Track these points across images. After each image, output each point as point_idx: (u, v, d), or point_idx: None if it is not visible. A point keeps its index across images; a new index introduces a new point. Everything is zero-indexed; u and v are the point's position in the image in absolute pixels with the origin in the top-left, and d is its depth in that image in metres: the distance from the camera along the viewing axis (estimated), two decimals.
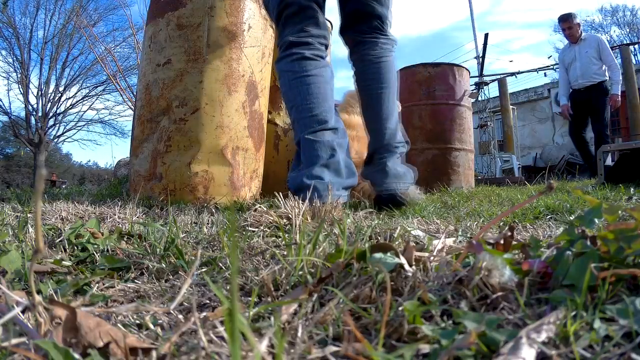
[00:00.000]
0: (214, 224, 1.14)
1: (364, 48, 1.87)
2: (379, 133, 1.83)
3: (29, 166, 21.74)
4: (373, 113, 1.84)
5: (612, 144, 4.00)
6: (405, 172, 1.79)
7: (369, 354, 0.33)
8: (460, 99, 3.92)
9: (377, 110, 1.83)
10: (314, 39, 1.73)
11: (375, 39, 1.88)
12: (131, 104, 6.89)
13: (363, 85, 1.88)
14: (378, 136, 1.83)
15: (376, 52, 1.85)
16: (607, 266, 0.43)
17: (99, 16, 17.55)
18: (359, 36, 1.89)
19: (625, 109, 9.75)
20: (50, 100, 17.63)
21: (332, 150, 1.63)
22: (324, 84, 1.70)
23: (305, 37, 1.72)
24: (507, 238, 0.53)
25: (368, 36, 1.88)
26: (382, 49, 1.86)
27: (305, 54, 1.70)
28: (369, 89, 1.86)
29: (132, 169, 2.09)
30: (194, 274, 0.62)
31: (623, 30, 21.85)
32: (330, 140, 1.64)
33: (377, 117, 1.83)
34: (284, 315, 0.42)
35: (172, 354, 0.34)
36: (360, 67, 1.89)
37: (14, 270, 0.62)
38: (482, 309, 0.41)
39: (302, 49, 1.71)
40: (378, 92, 1.84)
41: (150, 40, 2.06)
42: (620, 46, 10.36)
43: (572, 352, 0.33)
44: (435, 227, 1.13)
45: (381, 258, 0.48)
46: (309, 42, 1.72)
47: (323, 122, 1.65)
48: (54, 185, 10.92)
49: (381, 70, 1.84)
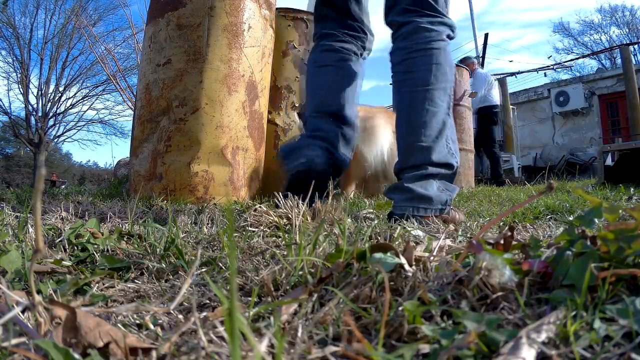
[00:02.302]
0: (214, 224, 1.14)
1: (397, 35, 1.45)
2: (404, 149, 1.38)
3: (29, 166, 21.74)
4: (400, 121, 1.41)
5: (612, 144, 3.99)
6: (437, 196, 1.32)
7: (369, 354, 0.33)
8: (460, 99, 3.92)
9: (405, 117, 1.39)
10: (343, 32, 1.65)
11: (412, 21, 1.40)
12: (131, 104, 6.89)
13: (393, 83, 1.46)
14: (403, 152, 1.39)
15: (411, 41, 1.40)
16: (607, 266, 0.43)
17: (98, 16, 17.56)
18: (395, 18, 1.46)
19: (625, 109, 9.75)
20: (50, 100, 17.63)
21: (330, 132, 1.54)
22: (343, 77, 1.60)
23: (334, 29, 1.65)
24: (507, 238, 0.53)
25: (402, 18, 1.43)
26: (422, 35, 1.39)
27: (333, 46, 1.63)
28: (397, 89, 1.43)
29: (132, 169, 2.09)
30: (194, 274, 0.62)
31: (622, 30, 21.86)
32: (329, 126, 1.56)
33: (404, 127, 1.39)
34: (284, 315, 0.42)
35: (172, 354, 0.34)
36: (392, 61, 1.48)
37: (14, 270, 0.62)
38: (482, 309, 0.41)
39: (330, 40, 1.65)
40: (408, 93, 1.38)
41: (150, 40, 2.06)
42: (620, 46, 10.37)
43: (572, 352, 0.33)
44: (435, 227, 1.13)
45: (381, 258, 0.48)
46: (335, 34, 1.65)
47: (330, 107, 1.58)
48: (54, 185, 10.92)
49: (416, 64, 1.38)
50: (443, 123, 1.35)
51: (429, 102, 1.34)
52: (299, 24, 2.57)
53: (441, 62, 1.37)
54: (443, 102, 1.36)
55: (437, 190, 1.33)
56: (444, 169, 1.34)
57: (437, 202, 1.31)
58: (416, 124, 1.34)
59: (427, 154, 1.32)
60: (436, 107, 1.34)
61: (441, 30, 1.40)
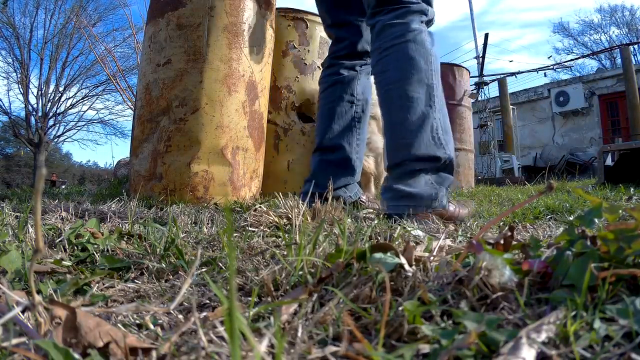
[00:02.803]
0: (214, 224, 1.14)
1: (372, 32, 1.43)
2: (388, 148, 1.38)
3: (29, 166, 21.73)
4: (383, 122, 1.42)
5: (612, 144, 4.00)
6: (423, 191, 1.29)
7: (369, 354, 0.33)
8: (460, 99, 3.92)
9: (385, 114, 1.39)
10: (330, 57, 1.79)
11: (377, 21, 1.40)
12: (131, 104, 6.89)
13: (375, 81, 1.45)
14: (388, 152, 1.39)
15: (380, 41, 1.38)
16: (607, 266, 0.43)
17: (98, 16, 17.56)
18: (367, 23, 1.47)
19: (625, 109, 9.74)
20: (50, 100, 17.63)
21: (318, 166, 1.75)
22: (329, 104, 1.75)
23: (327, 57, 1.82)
24: (507, 238, 0.53)
25: (371, 22, 1.44)
26: (387, 33, 1.36)
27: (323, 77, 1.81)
28: (377, 91, 1.42)
29: (132, 169, 2.09)
30: (194, 274, 0.62)
31: (622, 31, 21.85)
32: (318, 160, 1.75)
33: (385, 127, 1.39)
34: (284, 315, 0.42)
35: (172, 354, 0.34)
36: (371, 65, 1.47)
37: (14, 270, 0.62)
38: (482, 309, 0.41)
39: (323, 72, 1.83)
40: (383, 94, 1.38)
41: (150, 40, 2.06)
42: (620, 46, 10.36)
43: (572, 352, 0.33)
44: (435, 227, 1.13)
45: (381, 258, 0.48)
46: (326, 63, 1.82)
47: (317, 142, 1.78)
48: (53, 185, 10.92)
49: (387, 62, 1.36)
50: (423, 115, 1.30)
51: (402, 98, 1.31)
52: (299, 24, 2.57)
53: (412, 55, 1.32)
54: (419, 93, 1.31)
55: (424, 185, 1.30)
56: (430, 163, 1.31)
57: (425, 198, 1.27)
58: (394, 122, 1.34)
59: (407, 150, 1.30)
60: (411, 102, 1.30)
61: (408, 20, 1.35)
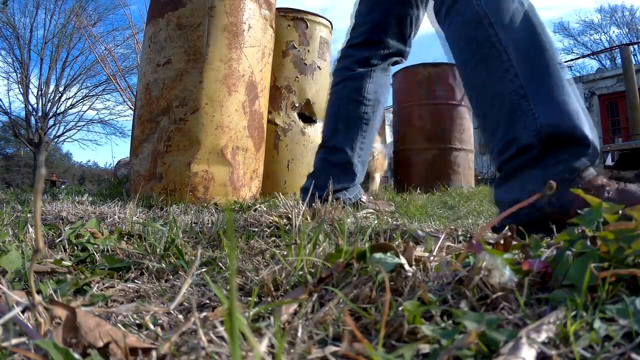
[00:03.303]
0: (214, 224, 1.14)
1: (437, 15, 1.20)
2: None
3: (29, 166, 21.73)
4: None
5: (612, 144, 4.00)
6: None
7: (369, 354, 0.33)
8: (460, 99, 3.92)
9: (470, 96, 1.14)
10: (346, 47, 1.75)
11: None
12: (131, 104, 6.89)
13: None
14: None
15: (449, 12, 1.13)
16: (607, 266, 0.43)
17: (98, 16, 17.55)
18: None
19: (625, 109, 9.74)
20: (50, 100, 17.62)
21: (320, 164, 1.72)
22: (336, 101, 1.72)
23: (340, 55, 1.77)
24: (507, 238, 0.53)
25: None
26: (448, 22, 1.13)
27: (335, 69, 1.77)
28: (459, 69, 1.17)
29: (132, 169, 2.09)
30: (194, 274, 0.62)
31: (622, 30, 21.83)
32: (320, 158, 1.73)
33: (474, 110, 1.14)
34: (284, 315, 0.42)
35: (172, 354, 0.34)
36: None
37: (14, 270, 0.62)
38: (482, 309, 0.41)
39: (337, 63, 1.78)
40: (461, 69, 1.14)
41: (150, 40, 2.06)
42: (620, 46, 10.37)
43: (572, 352, 0.33)
44: (435, 227, 1.13)
45: (381, 258, 0.48)
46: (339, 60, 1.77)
47: (322, 139, 1.75)
48: (53, 185, 10.92)
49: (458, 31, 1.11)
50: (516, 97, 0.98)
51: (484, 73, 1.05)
52: (299, 24, 2.57)
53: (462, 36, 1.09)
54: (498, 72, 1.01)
55: None
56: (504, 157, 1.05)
57: None
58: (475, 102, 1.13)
59: (493, 137, 1.07)
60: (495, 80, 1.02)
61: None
